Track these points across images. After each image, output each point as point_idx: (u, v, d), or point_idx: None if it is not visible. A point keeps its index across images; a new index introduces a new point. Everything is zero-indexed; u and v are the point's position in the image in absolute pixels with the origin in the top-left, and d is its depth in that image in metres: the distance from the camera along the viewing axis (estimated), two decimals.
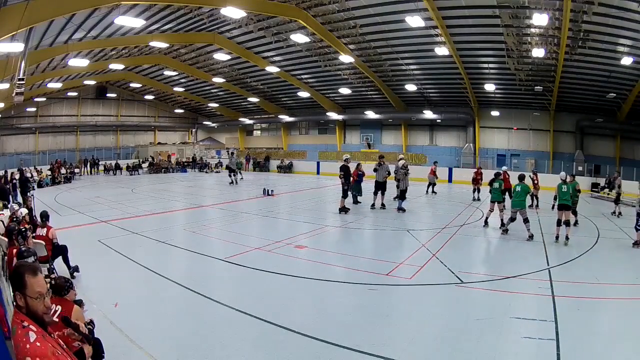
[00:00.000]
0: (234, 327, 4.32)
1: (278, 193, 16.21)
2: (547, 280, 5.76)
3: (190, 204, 13.53)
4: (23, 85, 13.51)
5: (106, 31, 17.43)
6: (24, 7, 10.54)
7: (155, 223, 10.06)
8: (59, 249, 5.93)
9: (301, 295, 5.33)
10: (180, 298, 5.14)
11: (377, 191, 12.06)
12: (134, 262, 6.57)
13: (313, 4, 16.49)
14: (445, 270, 6.18)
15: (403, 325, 4.41)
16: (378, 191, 12.06)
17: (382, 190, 12.06)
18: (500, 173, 10.03)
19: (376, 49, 19.88)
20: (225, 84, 27.68)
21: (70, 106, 31.84)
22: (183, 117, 40.06)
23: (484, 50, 18.04)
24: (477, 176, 15.02)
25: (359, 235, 9.25)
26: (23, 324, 1.65)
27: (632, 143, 21.59)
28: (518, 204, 8.50)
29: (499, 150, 25.58)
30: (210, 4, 15.26)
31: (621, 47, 14.91)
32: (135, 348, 3.78)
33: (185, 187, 19.81)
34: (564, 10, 12.95)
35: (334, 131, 32.49)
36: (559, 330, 4.12)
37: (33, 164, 25.44)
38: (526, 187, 8.63)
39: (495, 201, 9.42)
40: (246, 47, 21.68)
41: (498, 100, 23.95)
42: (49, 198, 14.68)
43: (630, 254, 7.65)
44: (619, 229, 9.95)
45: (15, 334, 1.58)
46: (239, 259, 6.78)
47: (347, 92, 25.88)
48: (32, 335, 1.62)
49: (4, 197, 11.32)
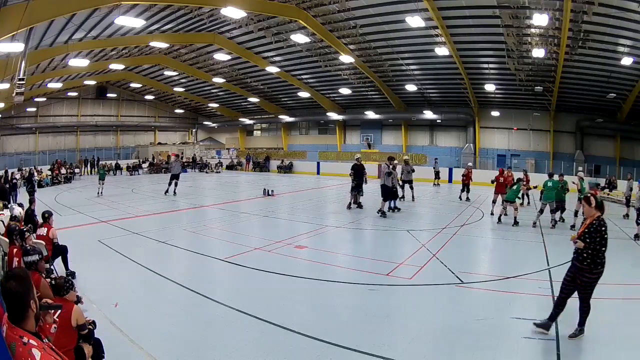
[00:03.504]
0: (234, 327, 4.32)
1: (278, 193, 16.20)
2: (547, 280, 5.76)
3: (190, 204, 13.53)
4: (23, 85, 13.52)
5: (106, 31, 17.43)
6: (24, 7, 10.54)
7: (155, 223, 10.06)
8: (59, 249, 5.93)
9: (301, 295, 5.33)
10: (180, 298, 5.14)
11: (388, 198, 11.18)
12: (134, 262, 6.57)
13: (313, 4, 16.50)
14: (445, 271, 6.18)
15: (403, 325, 4.41)
16: (389, 198, 11.20)
17: (393, 198, 11.38)
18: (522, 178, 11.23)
19: (376, 49, 19.88)
20: (226, 84, 27.69)
21: (71, 106, 31.85)
22: (183, 117, 40.06)
23: (484, 50, 18.04)
24: (468, 174, 14.64)
25: (359, 236, 9.25)
26: (23, 340, 1.56)
27: (632, 143, 21.58)
28: (548, 197, 9.95)
29: (499, 151, 25.59)
30: (210, 4, 15.26)
31: (621, 47, 14.92)
32: (135, 348, 3.78)
33: (185, 187, 19.80)
34: (564, 11, 12.95)
35: (334, 131, 32.49)
36: (559, 330, 4.12)
37: (33, 164, 25.41)
38: (556, 183, 9.99)
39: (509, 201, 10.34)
40: (246, 47, 21.69)
41: (498, 101, 23.95)
42: (49, 198, 14.69)
43: (631, 254, 7.65)
44: (619, 229, 9.93)
45: (16, 353, 1.48)
46: (239, 259, 6.78)
47: (347, 92, 25.89)
48: (36, 354, 1.53)
49: (4, 197, 11.32)
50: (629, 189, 12.12)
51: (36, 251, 3.75)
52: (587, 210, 4.18)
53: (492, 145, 25.79)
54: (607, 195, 16.74)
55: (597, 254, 3.89)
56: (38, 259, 3.67)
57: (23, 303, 1.69)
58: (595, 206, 4.13)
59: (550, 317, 4.17)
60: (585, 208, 4.22)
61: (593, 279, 3.94)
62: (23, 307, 1.68)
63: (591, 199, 4.18)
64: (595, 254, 3.89)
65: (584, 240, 3.96)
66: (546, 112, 22.99)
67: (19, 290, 1.69)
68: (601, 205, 4.14)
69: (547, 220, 10.10)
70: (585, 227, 4.07)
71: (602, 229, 3.94)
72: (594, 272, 3.92)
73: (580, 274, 3.99)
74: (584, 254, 3.95)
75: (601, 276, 3.97)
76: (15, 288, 1.68)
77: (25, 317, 1.68)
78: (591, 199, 4.18)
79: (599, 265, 3.93)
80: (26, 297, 1.70)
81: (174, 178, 15.46)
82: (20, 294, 1.69)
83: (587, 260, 3.92)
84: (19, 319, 1.65)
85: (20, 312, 1.67)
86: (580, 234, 4.05)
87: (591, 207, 4.16)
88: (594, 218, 4.03)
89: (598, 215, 4.06)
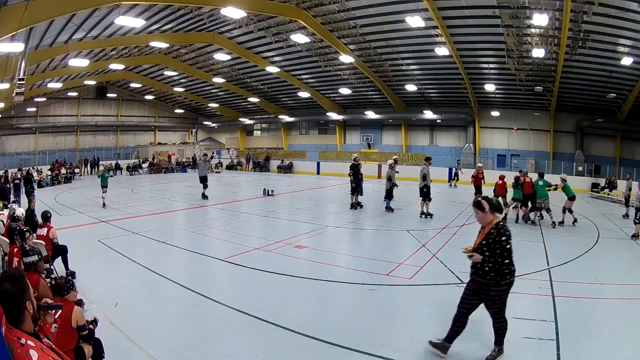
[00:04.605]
0: (234, 327, 4.32)
1: (278, 193, 16.20)
2: (547, 280, 5.76)
3: (190, 204, 13.53)
4: (23, 85, 13.53)
5: (106, 31, 17.44)
6: (24, 7, 10.55)
7: (155, 223, 10.06)
8: (59, 249, 5.93)
9: (301, 295, 5.33)
10: (180, 298, 5.14)
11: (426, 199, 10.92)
12: (134, 262, 6.57)
13: (313, 4, 16.50)
14: (445, 271, 6.18)
15: (403, 325, 4.40)
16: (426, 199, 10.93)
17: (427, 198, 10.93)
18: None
19: (376, 49, 19.89)
20: (226, 84, 27.69)
21: (70, 106, 31.87)
22: (183, 117, 40.08)
23: (484, 50, 18.05)
24: (478, 175, 13.88)
25: (359, 236, 9.25)
26: (21, 341, 1.57)
27: (632, 143, 21.59)
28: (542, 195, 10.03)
29: (499, 151, 25.60)
30: (210, 4, 15.27)
31: (621, 47, 14.92)
32: (135, 348, 3.78)
33: (186, 187, 19.81)
34: (564, 11, 12.95)
35: (334, 131, 32.50)
36: (559, 330, 4.12)
37: (33, 164, 25.43)
38: (546, 182, 10.19)
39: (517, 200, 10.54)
40: (246, 47, 21.69)
41: (498, 101, 23.96)
42: (49, 198, 14.69)
43: (631, 254, 7.66)
44: (619, 229, 9.95)
45: (14, 354, 1.49)
46: (239, 259, 6.78)
47: (347, 92, 25.89)
48: (33, 355, 1.54)
49: (4, 197, 11.31)
50: (628, 189, 12.14)
51: (35, 252, 3.73)
52: (481, 217, 3.52)
53: (492, 145, 25.80)
54: (607, 196, 16.77)
55: (501, 267, 3.34)
56: (37, 259, 3.65)
57: (19, 304, 1.68)
58: (489, 210, 3.47)
59: (448, 338, 3.59)
60: (478, 215, 3.53)
61: (502, 291, 3.41)
62: (19, 308, 1.68)
63: (482, 203, 3.49)
64: (498, 267, 3.34)
65: (483, 253, 3.38)
66: (546, 112, 23.00)
67: (14, 291, 1.68)
68: (497, 206, 3.51)
69: (546, 219, 10.16)
70: (482, 237, 3.46)
71: (502, 239, 3.33)
72: (501, 284, 3.37)
73: (485, 289, 3.43)
74: (485, 267, 3.38)
75: (512, 285, 3.46)
76: (10, 289, 1.67)
77: (22, 318, 1.68)
78: (482, 202, 3.50)
79: (507, 275, 3.37)
80: (22, 298, 1.70)
81: (204, 180, 14.49)
82: (15, 295, 1.68)
83: (491, 274, 3.36)
84: (16, 320, 1.65)
85: (17, 313, 1.67)
86: (477, 246, 3.45)
87: (485, 212, 3.47)
88: (492, 225, 3.43)
89: (497, 221, 3.45)
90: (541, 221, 10.32)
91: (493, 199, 3.63)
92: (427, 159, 11.48)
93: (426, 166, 11.12)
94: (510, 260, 3.37)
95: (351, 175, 12.12)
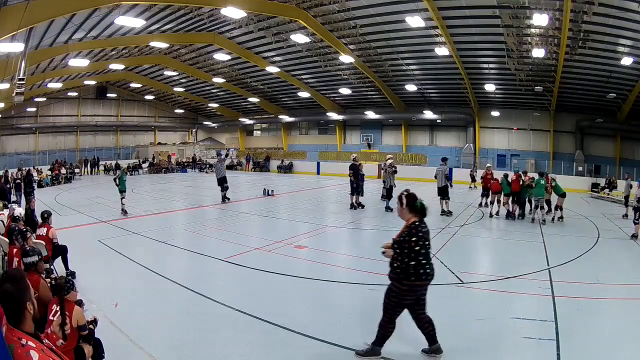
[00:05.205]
0: (234, 327, 4.32)
1: (278, 193, 16.20)
2: (547, 280, 5.76)
3: (190, 204, 13.53)
4: (23, 85, 13.53)
5: (106, 31, 17.44)
6: (24, 7, 10.55)
7: (155, 223, 10.06)
8: (59, 249, 5.93)
9: (301, 295, 5.33)
10: (180, 298, 5.13)
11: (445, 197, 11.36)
12: (134, 262, 6.56)
13: (313, 4, 16.50)
14: (445, 270, 6.17)
15: (403, 325, 4.39)
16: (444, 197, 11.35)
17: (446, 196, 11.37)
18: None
19: (376, 49, 19.88)
20: (226, 84, 27.69)
21: (70, 106, 31.85)
22: (183, 117, 40.07)
23: (484, 50, 18.05)
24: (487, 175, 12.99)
25: (359, 236, 9.25)
26: (21, 342, 1.57)
27: (632, 143, 21.60)
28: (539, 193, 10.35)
29: (499, 151, 25.60)
30: (210, 4, 15.27)
31: (621, 47, 14.92)
32: (135, 348, 3.78)
33: (186, 187, 19.82)
34: (564, 11, 12.95)
35: (334, 131, 32.49)
36: (559, 330, 4.12)
37: (33, 164, 25.43)
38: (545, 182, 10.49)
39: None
40: (246, 47, 21.69)
41: (498, 101, 23.96)
42: (49, 198, 14.69)
43: (631, 254, 7.66)
44: (618, 229, 9.96)
45: (14, 355, 1.49)
46: (239, 259, 6.78)
47: (347, 92, 25.89)
48: (34, 355, 1.54)
49: (4, 197, 11.31)
50: (628, 189, 12.19)
51: (35, 252, 3.73)
52: (399, 212, 3.38)
53: (492, 145, 25.80)
54: (606, 196, 16.77)
55: (407, 267, 3.21)
56: (37, 259, 3.65)
57: (19, 305, 1.68)
58: (406, 207, 3.31)
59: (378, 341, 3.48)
60: (398, 209, 3.39)
61: (401, 290, 3.29)
62: (20, 309, 1.68)
63: (402, 198, 3.35)
64: (404, 267, 3.22)
65: (394, 250, 3.30)
66: (546, 112, 22.99)
67: (15, 291, 1.68)
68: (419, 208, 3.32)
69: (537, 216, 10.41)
70: (399, 234, 3.35)
71: (411, 239, 3.19)
72: (403, 283, 3.27)
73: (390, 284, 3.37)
74: (394, 264, 3.31)
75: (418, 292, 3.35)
76: (10, 290, 1.67)
77: (22, 319, 1.68)
78: (402, 197, 3.36)
79: (411, 277, 3.23)
80: (22, 298, 1.70)
81: (223, 182, 13.60)
82: (15, 295, 1.68)
83: (397, 271, 3.29)
84: (17, 321, 1.65)
85: (17, 314, 1.67)
86: (393, 242, 3.37)
87: (402, 207, 3.33)
88: (408, 224, 3.31)
89: (413, 220, 3.29)
90: (535, 217, 10.53)
91: (419, 200, 3.41)
92: (443, 160, 12.01)
93: (444, 166, 11.66)
94: (417, 262, 3.22)
95: (351, 176, 12.11)
